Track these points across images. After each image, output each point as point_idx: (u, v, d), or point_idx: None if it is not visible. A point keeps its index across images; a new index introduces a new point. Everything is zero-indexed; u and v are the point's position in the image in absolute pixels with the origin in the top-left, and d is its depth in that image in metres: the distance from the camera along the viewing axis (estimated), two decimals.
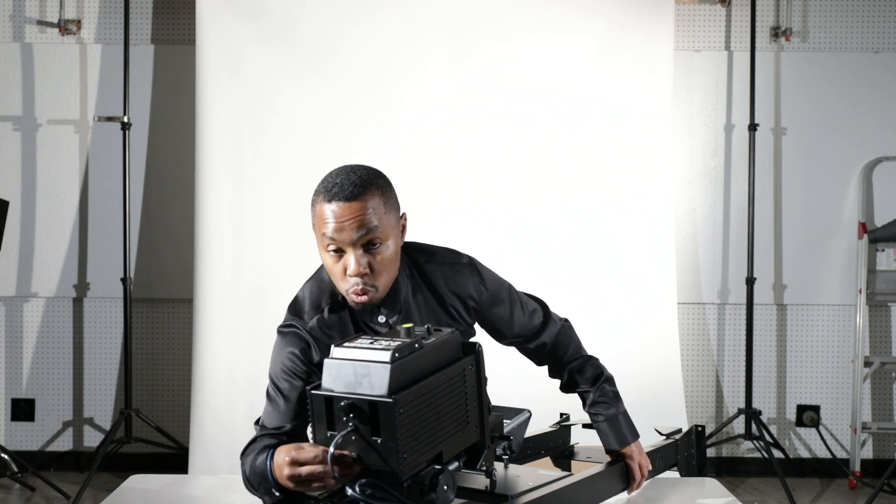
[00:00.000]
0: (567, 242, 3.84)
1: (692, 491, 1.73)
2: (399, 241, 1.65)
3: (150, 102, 4.03)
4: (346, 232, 1.54)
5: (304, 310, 1.69)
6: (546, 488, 1.42)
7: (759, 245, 4.03)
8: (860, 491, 3.90)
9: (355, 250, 1.56)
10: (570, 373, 1.91)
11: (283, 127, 3.80)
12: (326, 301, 1.68)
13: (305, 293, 1.72)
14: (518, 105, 3.85)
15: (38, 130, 4.04)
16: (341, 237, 1.55)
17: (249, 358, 3.73)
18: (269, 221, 3.79)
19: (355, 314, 1.68)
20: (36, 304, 4.08)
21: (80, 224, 4.05)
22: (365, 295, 1.59)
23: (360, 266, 1.56)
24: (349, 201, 1.54)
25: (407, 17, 3.84)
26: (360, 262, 1.56)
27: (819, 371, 4.16)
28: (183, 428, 3.91)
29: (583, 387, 1.89)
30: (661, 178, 3.89)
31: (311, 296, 1.71)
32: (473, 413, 1.36)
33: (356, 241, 1.55)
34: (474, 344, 1.41)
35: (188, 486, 1.90)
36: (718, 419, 4.14)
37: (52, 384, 4.09)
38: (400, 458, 1.22)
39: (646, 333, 3.83)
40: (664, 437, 1.82)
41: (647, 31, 3.87)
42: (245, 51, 3.81)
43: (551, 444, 1.89)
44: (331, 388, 1.26)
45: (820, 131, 4.10)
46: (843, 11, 4.12)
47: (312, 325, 1.65)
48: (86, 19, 4.04)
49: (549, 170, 3.87)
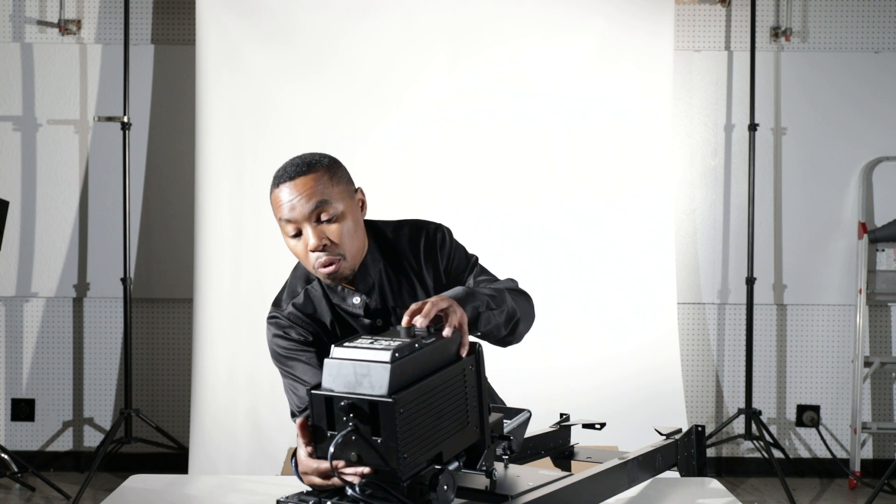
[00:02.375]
0: (567, 242, 3.84)
1: (692, 491, 1.73)
2: (358, 216, 1.72)
3: (150, 102, 4.03)
4: (297, 209, 1.64)
5: (281, 299, 1.80)
6: (546, 488, 1.42)
7: (758, 245, 4.03)
8: (860, 491, 3.90)
9: (310, 224, 1.64)
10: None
11: (283, 126, 3.80)
12: (301, 286, 1.78)
13: (284, 286, 1.83)
14: (518, 105, 3.85)
15: (38, 130, 4.04)
16: (294, 215, 1.64)
17: (249, 358, 3.73)
18: (268, 221, 3.76)
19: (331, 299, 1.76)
20: (36, 304, 4.08)
21: (80, 224, 4.05)
22: (331, 265, 1.65)
23: (318, 238, 1.64)
24: (294, 179, 1.64)
25: (407, 17, 3.84)
26: (317, 234, 1.64)
27: (819, 371, 4.16)
28: (183, 428, 3.91)
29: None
30: (661, 178, 3.89)
31: (288, 286, 1.82)
32: (473, 413, 1.36)
33: (308, 214, 1.64)
34: (474, 344, 1.41)
35: (188, 486, 1.90)
36: (718, 419, 4.14)
37: (52, 384, 4.09)
38: (400, 458, 1.22)
39: (646, 333, 3.83)
40: (664, 437, 1.81)
41: (647, 31, 3.87)
42: (245, 50, 3.81)
43: (551, 444, 1.89)
44: (331, 388, 1.26)
45: (820, 131, 4.10)
46: (843, 11, 4.12)
47: (290, 310, 1.76)
48: (86, 19, 4.04)
49: (549, 170, 3.87)
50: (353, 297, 1.74)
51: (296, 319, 1.74)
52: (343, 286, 1.76)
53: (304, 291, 1.77)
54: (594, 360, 3.79)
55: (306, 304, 1.76)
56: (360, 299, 1.74)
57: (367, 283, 1.74)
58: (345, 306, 1.75)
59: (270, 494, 1.64)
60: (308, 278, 1.79)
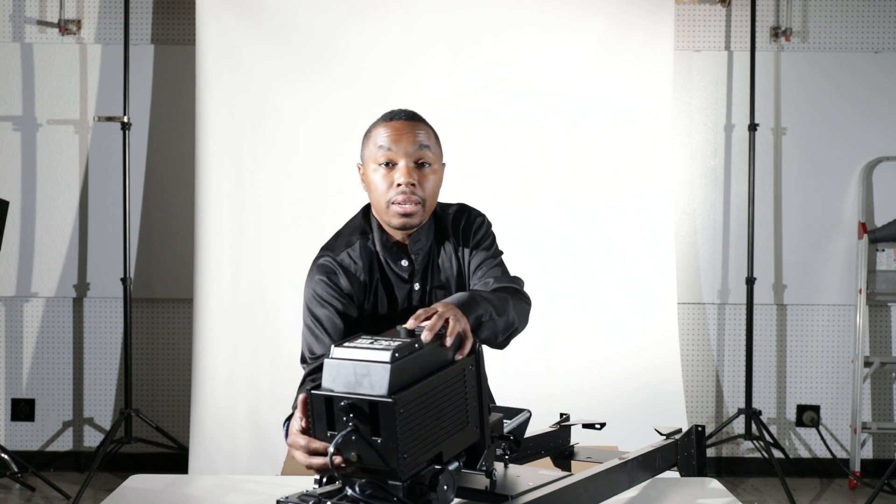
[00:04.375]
0: (567, 242, 3.84)
1: (692, 491, 1.73)
2: (440, 182, 1.81)
3: (150, 102, 4.03)
4: (402, 143, 1.72)
5: (335, 245, 1.82)
6: (546, 488, 1.41)
7: (759, 245, 4.03)
8: (860, 491, 3.90)
9: (408, 161, 1.72)
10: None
11: (283, 126, 3.80)
12: (357, 237, 1.81)
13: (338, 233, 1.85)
14: (518, 105, 3.85)
15: (38, 130, 4.04)
16: (397, 147, 1.72)
17: (249, 358, 3.73)
18: (268, 221, 3.79)
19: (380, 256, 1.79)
20: (36, 304, 4.08)
21: (80, 224, 4.05)
22: (409, 203, 1.71)
23: (410, 175, 1.71)
24: (408, 121, 1.76)
25: (407, 16, 3.84)
26: (410, 171, 1.71)
27: (819, 371, 4.16)
28: (183, 428, 3.91)
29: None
30: (661, 178, 3.89)
31: (343, 235, 1.84)
32: (473, 413, 1.36)
33: (410, 152, 1.72)
34: (474, 343, 1.41)
35: (188, 486, 1.90)
36: (718, 419, 4.14)
37: (52, 384, 4.09)
38: (400, 458, 1.22)
39: (646, 333, 3.83)
40: (664, 437, 1.81)
41: (647, 31, 3.87)
42: (245, 50, 3.81)
43: (551, 444, 1.89)
44: (331, 387, 1.26)
45: (820, 131, 4.10)
46: (843, 11, 4.12)
47: (342, 256, 1.79)
48: (86, 19, 4.04)
49: (549, 170, 3.87)
50: (402, 259, 1.80)
51: (347, 266, 1.78)
52: (395, 246, 1.80)
53: (359, 242, 1.81)
54: (594, 360, 3.79)
55: (361, 254, 1.79)
56: (407, 262, 1.80)
57: (419, 247, 1.80)
58: (393, 266, 1.80)
59: (270, 494, 1.64)
60: (364, 231, 1.82)
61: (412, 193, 1.71)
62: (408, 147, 1.72)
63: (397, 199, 1.71)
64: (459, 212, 1.90)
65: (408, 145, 1.72)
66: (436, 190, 1.78)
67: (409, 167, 1.72)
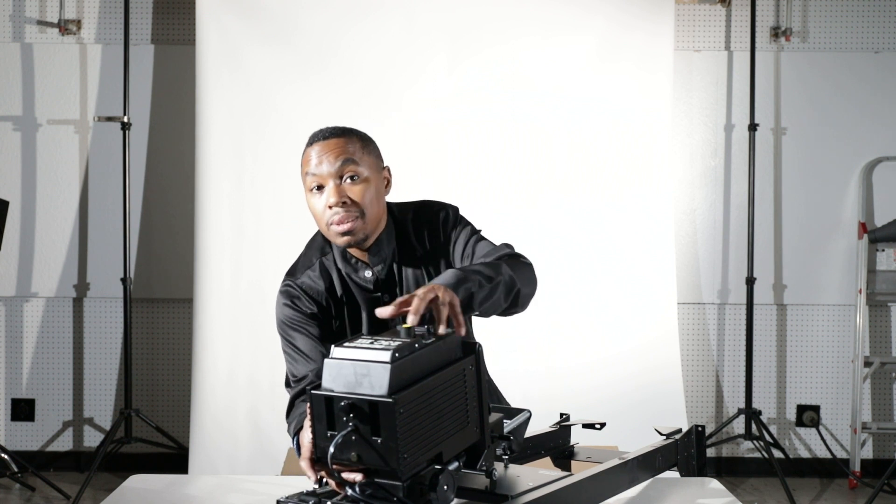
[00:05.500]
0: (567, 242, 3.84)
1: (692, 491, 1.73)
2: (381, 189, 1.77)
3: (150, 102, 4.03)
4: (323, 165, 1.70)
5: (296, 269, 1.84)
6: (546, 488, 1.41)
7: (759, 245, 4.03)
8: (860, 491, 3.90)
9: (334, 181, 1.70)
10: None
11: (283, 126, 3.80)
12: (317, 257, 1.82)
13: (300, 255, 1.87)
14: (518, 105, 3.85)
15: (38, 130, 4.04)
16: (320, 170, 1.70)
17: (249, 358, 3.73)
18: (268, 221, 3.79)
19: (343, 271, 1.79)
20: (36, 304, 4.08)
21: (80, 224, 4.05)
22: (346, 223, 1.69)
23: (338, 195, 1.69)
24: (327, 139, 1.72)
25: (406, 16, 3.84)
26: (338, 191, 1.69)
27: (819, 371, 4.16)
28: (183, 428, 3.91)
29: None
30: (661, 178, 3.89)
31: (303, 257, 1.86)
32: (473, 413, 1.36)
33: (334, 171, 1.69)
34: (474, 344, 1.40)
35: (188, 486, 1.90)
36: (718, 419, 4.14)
37: (52, 384, 4.09)
38: (400, 458, 1.22)
39: (646, 333, 3.83)
40: (664, 437, 1.81)
41: (647, 31, 3.87)
42: (245, 50, 3.81)
43: (551, 444, 1.89)
44: (331, 388, 1.26)
45: (820, 131, 4.10)
46: (843, 11, 4.12)
47: (303, 279, 1.80)
48: (86, 19, 4.04)
49: (549, 170, 3.87)
50: (365, 270, 1.78)
51: (308, 289, 1.79)
52: (356, 259, 1.79)
53: (319, 262, 1.81)
54: (594, 360, 3.79)
55: (321, 274, 1.80)
56: (371, 273, 1.78)
57: (381, 258, 1.78)
58: (356, 278, 1.79)
59: (270, 494, 1.64)
60: (323, 250, 1.83)
61: (347, 211, 1.69)
62: (330, 167, 1.69)
63: (333, 219, 1.69)
64: (420, 210, 1.85)
65: (330, 166, 1.69)
66: (375, 198, 1.73)
67: (336, 186, 1.69)
